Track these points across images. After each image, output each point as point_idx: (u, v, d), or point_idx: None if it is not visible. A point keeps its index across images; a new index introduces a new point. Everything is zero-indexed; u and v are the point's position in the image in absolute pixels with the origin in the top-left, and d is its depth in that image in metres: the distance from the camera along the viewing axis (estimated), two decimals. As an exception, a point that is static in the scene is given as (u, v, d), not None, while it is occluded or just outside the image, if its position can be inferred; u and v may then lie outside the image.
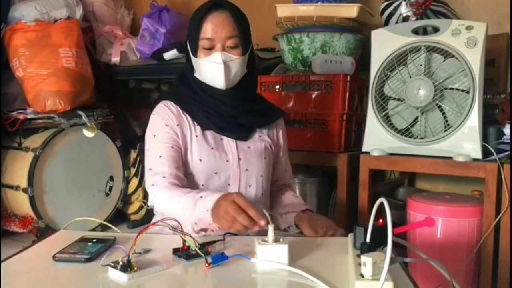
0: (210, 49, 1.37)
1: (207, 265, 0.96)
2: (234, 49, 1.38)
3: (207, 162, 1.38)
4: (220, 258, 0.98)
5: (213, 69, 1.37)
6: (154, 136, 1.39)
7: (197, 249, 1.00)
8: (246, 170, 1.42)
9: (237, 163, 1.41)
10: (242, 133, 1.44)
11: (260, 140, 1.48)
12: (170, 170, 1.33)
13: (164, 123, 1.39)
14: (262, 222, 1.05)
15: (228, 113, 1.42)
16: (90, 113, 2.47)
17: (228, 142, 1.42)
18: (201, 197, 1.23)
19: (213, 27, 1.35)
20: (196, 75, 1.44)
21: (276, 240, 0.99)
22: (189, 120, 1.41)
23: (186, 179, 1.37)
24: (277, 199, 1.57)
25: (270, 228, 0.99)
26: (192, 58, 1.41)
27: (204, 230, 1.33)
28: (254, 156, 1.44)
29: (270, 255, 0.97)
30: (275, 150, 1.54)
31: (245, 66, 1.43)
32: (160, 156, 1.35)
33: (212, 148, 1.39)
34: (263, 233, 1.04)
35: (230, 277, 0.96)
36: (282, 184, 1.61)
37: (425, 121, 1.89)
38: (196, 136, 1.40)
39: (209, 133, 1.41)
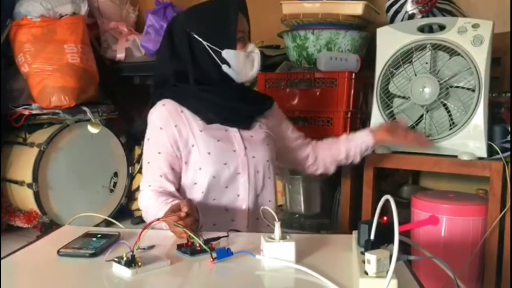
0: (241, 41, 1.44)
1: (211, 260, 0.96)
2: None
3: (215, 154, 1.41)
4: (225, 254, 0.98)
5: (250, 60, 1.45)
6: (148, 139, 1.44)
7: (201, 243, 1.00)
8: (253, 157, 1.46)
9: (244, 152, 1.45)
10: (244, 122, 1.50)
11: (260, 129, 1.53)
12: (154, 178, 1.38)
13: (159, 126, 1.42)
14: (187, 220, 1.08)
15: (233, 105, 1.48)
16: (94, 109, 2.47)
17: (233, 133, 1.47)
18: (166, 203, 1.27)
19: (242, 20, 1.44)
20: (224, 68, 1.43)
21: (283, 238, 0.99)
22: (189, 117, 1.43)
23: (176, 182, 1.40)
24: (326, 146, 1.72)
25: (277, 225, 0.98)
26: (225, 51, 1.41)
27: None
28: (258, 143, 1.49)
29: (277, 252, 0.96)
30: (277, 132, 1.60)
31: None
32: (148, 163, 1.42)
33: (218, 140, 1.43)
34: (271, 230, 1.04)
35: (234, 273, 0.96)
36: (307, 142, 1.71)
37: (430, 119, 1.88)
38: (201, 131, 1.42)
39: (214, 126, 1.45)
